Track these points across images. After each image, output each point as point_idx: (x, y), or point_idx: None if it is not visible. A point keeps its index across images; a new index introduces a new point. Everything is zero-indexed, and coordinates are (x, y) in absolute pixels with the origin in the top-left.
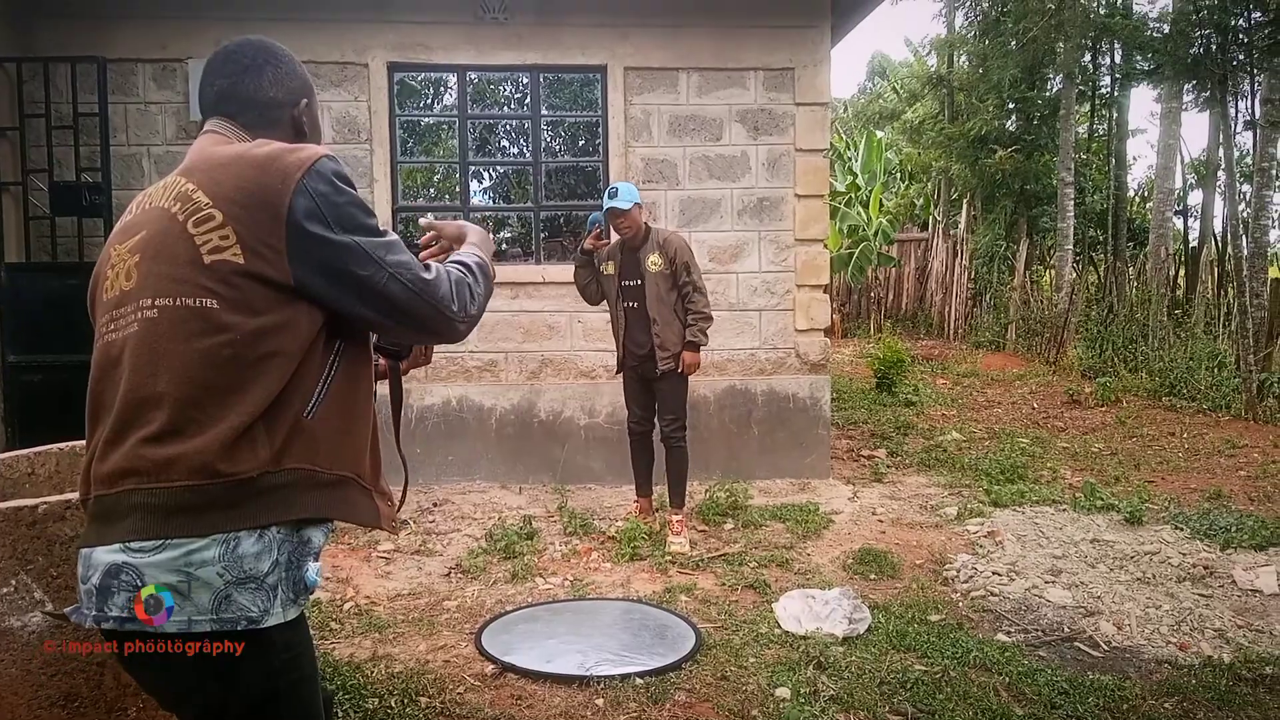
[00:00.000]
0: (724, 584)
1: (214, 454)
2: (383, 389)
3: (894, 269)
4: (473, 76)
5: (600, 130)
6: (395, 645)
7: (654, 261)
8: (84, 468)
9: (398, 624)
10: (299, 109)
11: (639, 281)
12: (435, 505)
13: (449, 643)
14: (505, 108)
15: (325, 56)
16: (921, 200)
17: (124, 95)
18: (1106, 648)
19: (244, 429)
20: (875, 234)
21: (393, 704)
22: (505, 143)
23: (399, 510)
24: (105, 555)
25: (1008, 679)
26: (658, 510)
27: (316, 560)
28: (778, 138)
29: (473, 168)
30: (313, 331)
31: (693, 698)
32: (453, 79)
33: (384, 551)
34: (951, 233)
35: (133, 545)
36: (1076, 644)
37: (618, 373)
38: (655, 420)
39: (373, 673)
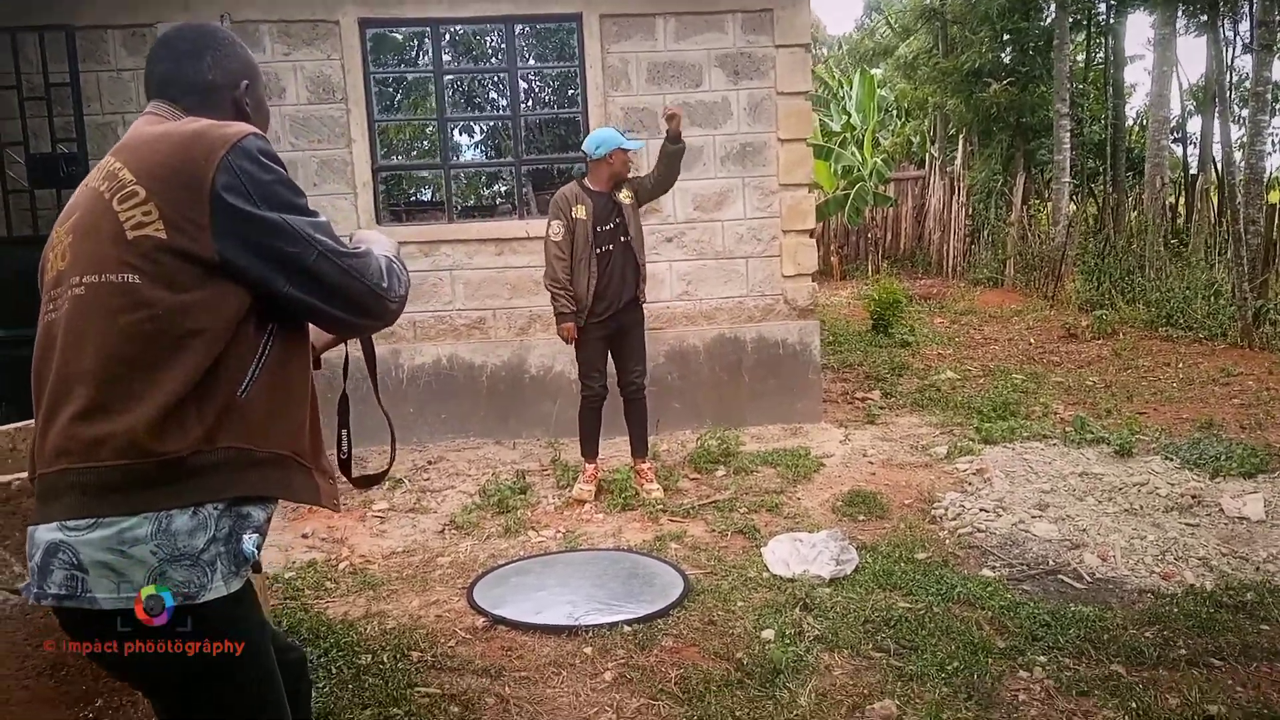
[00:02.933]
0: (714, 530)
1: (142, 432)
2: (356, 351)
3: (891, 209)
4: (453, 30)
5: (578, 80)
6: (388, 602)
7: (625, 195)
8: (29, 448)
9: (391, 581)
10: (239, 91)
11: (618, 220)
12: (430, 463)
13: (441, 598)
14: (483, 62)
15: (296, 15)
16: (918, 138)
17: (95, 63)
18: (1090, 579)
19: (172, 407)
20: (871, 174)
21: (385, 659)
22: (494, 95)
23: (389, 468)
24: (45, 534)
25: (990, 613)
26: (637, 466)
27: (256, 533)
28: (759, 82)
29: (462, 123)
30: (240, 310)
31: (679, 642)
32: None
33: (379, 511)
34: (948, 170)
35: (69, 524)
36: (1061, 576)
37: (576, 329)
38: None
39: (366, 630)
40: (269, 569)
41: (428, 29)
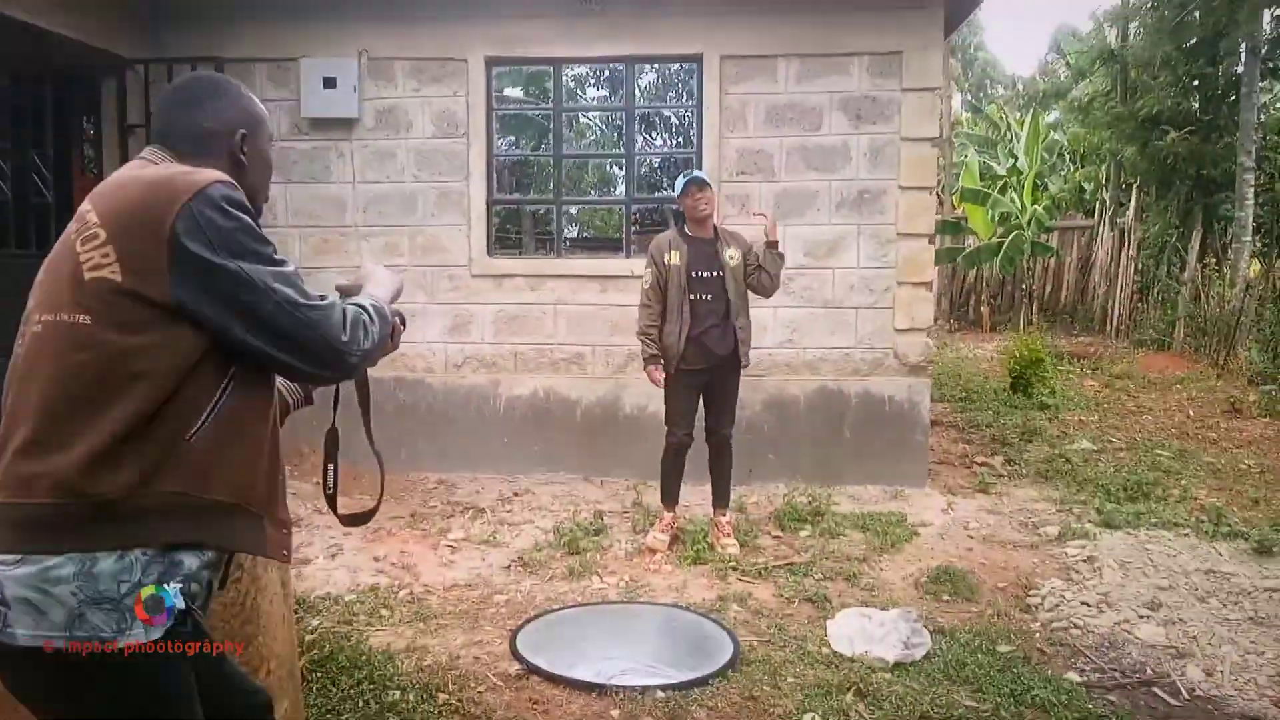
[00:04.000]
0: (782, 595)
1: (74, 472)
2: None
3: (1053, 259)
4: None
5: (695, 121)
6: (434, 637)
7: (732, 255)
8: None
9: (444, 615)
10: (234, 140)
11: (718, 274)
12: (516, 495)
13: (486, 638)
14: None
15: (428, 53)
16: (1091, 185)
17: None
18: (1188, 696)
19: (107, 448)
20: (1029, 222)
21: (411, 698)
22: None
23: (377, 506)
24: None
25: None
26: (715, 519)
27: (190, 580)
28: (881, 126)
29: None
30: (193, 355)
31: (712, 716)
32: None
33: (453, 540)
34: (1119, 221)
35: None
36: (1155, 689)
37: (664, 375)
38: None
39: (403, 664)
40: (332, 589)
41: (550, 68)
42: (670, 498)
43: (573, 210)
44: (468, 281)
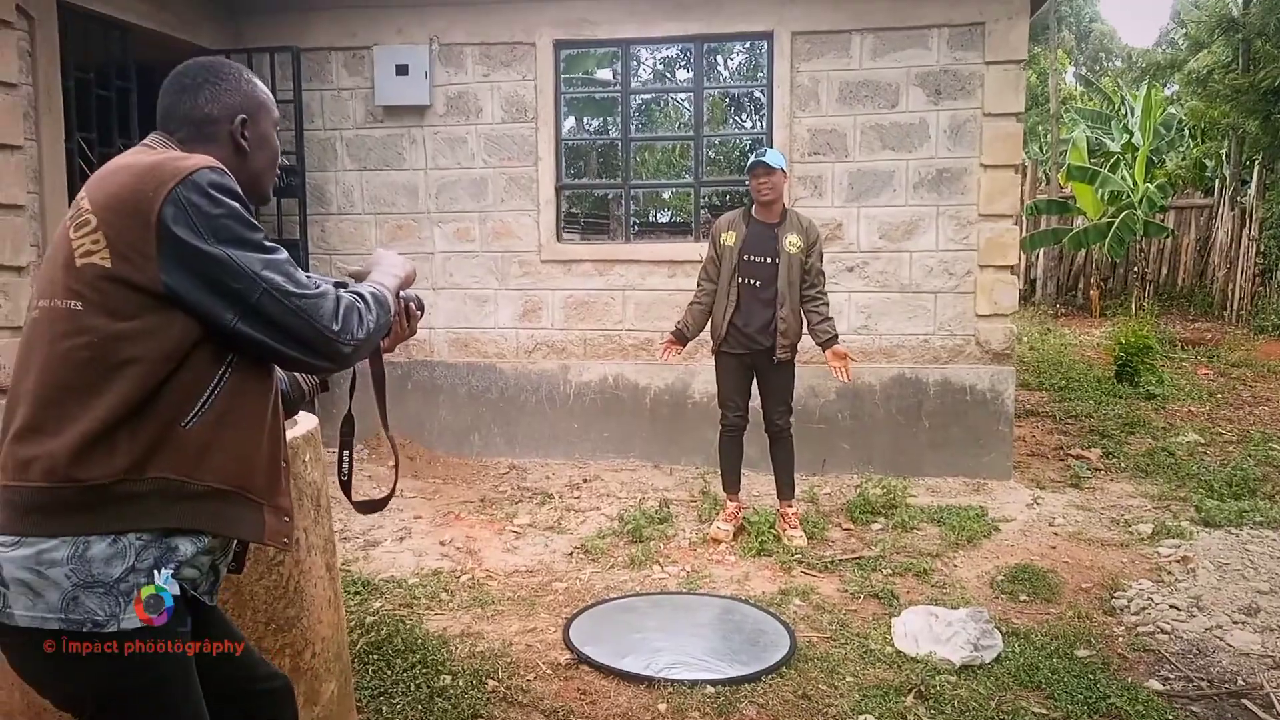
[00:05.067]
0: (847, 590)
1: (66, 457)
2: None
3: (1168, 240)
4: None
5: (765, 101)
6: (490, 623)
7: (793, 242)
8: None
9: (502, 600)
10: (234, 124)
11: (772, 259)
12: (585, 481)
13: (541, 625)
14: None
15: (497, 38)
16: (1212, 161)
17: (319, 82)
18: None
19: (99, 434)
20: (1141, 200)
21: (461, 684)
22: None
23: (392, 493)
24: None
25: None
26: (781, 509)
27: (186, 565)
28: (963, 102)
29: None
30: (185, 341)
31: (762, 714)
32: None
33: (518, 525)
34: (1240, 199)
35: None
36: (1245, 702)
37: (714, 352)
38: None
39: (457, 649)
40: (397, 572)
41: (618, 49)
42: (731, 485)
43: (640, 194)
44: (537, 267)
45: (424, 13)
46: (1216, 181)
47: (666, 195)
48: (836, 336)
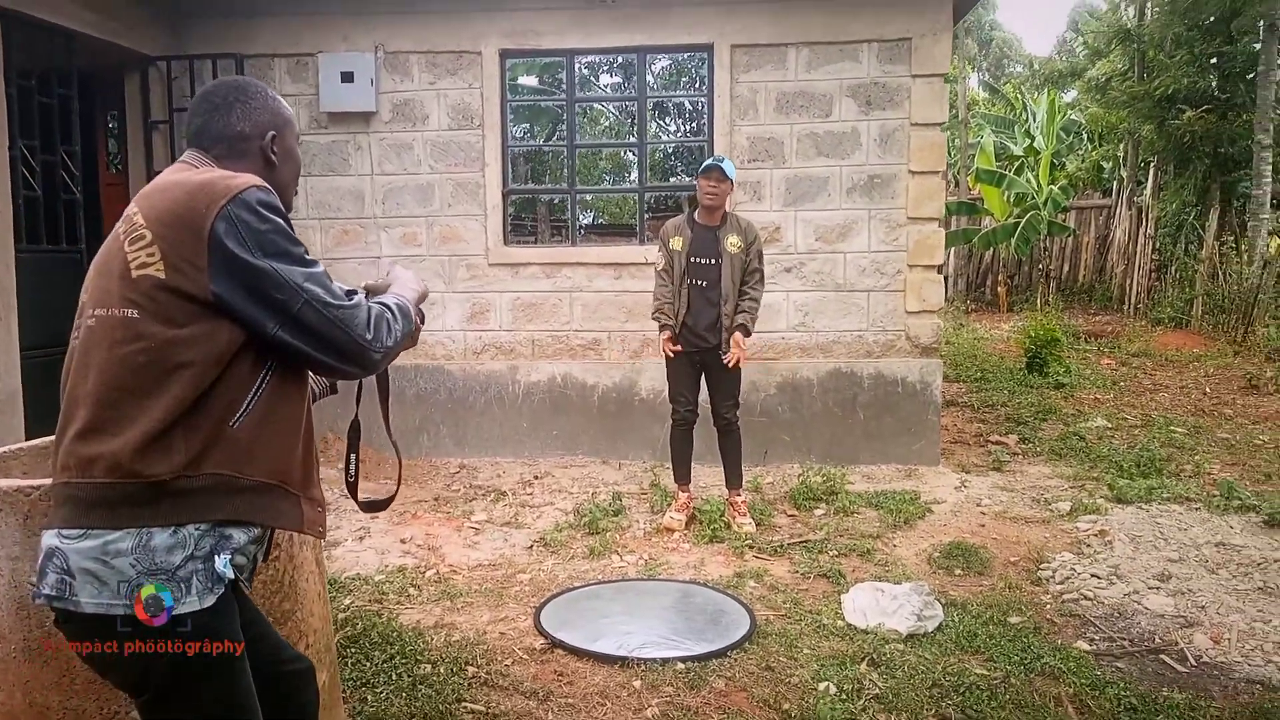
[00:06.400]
0: (798, 571)
1: (128, 455)
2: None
3: (1070, 239)
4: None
5: (705, 110)
6: (461, 614)
7: (733, 243)
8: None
9: (470, 593)
10: (265, 141)
11: (714, 261)
12: (536, 478)
13: (511, 615)
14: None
15: (443, 46)
16: (1109, 164)
17: None
18: (1195, 663)
19: (158, 433)
20: (1045, 202)
21: (442, 671)
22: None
23: (395, 493)
24: (46, 539)
25: (1073, 689)
26: (730, 499)
27: (236, 553)
28: (891, 112)
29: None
30: (231, 347)
31: (731, 686)
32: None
33: (476, 522)
34: (1136, 199)
35: (64, 532)
36: (1163, 657)
37: (674, 349)
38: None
39: (433, 640)
40: (362, 570)
41: (563, 59)
42: (682, 476)
43: (588, 197)
44: (485, 270)
45: (369, 21)
46: (1114, 183)
47: (590, 198)
48: (746, 327)
